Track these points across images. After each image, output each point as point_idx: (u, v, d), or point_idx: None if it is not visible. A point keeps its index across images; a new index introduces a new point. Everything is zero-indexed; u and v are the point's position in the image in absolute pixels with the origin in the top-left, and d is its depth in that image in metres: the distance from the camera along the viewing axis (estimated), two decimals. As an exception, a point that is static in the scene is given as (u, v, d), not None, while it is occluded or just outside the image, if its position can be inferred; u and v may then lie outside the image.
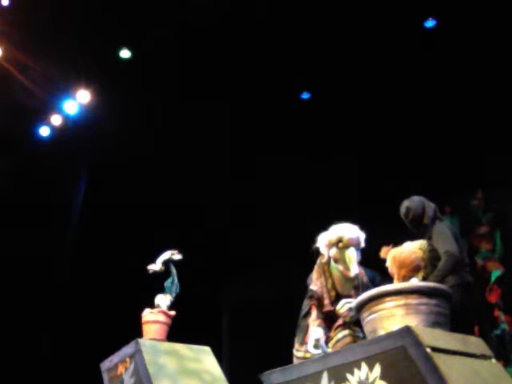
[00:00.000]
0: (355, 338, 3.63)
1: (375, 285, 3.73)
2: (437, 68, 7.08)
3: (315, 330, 3.74)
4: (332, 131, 7.95)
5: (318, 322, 3.80)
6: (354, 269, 3.72)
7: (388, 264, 3.32)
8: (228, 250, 8.98)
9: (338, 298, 3.87)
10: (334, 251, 3.87)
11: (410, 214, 4.30)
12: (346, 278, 3.83)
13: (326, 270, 3.93)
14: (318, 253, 4.05)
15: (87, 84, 8.32)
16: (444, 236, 4.06)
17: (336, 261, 3.86)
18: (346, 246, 3.80)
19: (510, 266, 6.96)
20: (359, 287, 3.83)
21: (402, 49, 7.13)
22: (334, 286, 3.89)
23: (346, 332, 3.75)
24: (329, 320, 3.85)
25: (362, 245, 3.87)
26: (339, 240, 3.82)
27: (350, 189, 7.79)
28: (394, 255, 3.27)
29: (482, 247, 7.22)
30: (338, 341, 3.71)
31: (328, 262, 3.93)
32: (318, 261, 4.04)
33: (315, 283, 3.96)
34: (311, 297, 3.93)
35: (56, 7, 7.21)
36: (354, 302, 3.58)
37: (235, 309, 9.81)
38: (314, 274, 4.02)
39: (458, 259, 3.95)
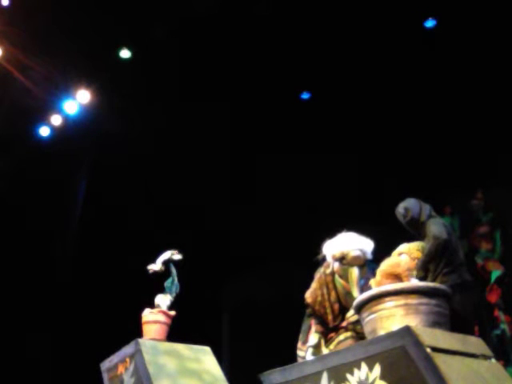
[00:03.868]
0: (357, 340, 3.59)
1: None
2: (437, 68, 7.08)
3: (312, 337, 3.73)
4: (332, 131, 7.95)
5: (316, 327, 3.78)
6: (356, 292, 3.64)
7: (381, 281, 3.25)
8: (228, 250, 8.98)
9: (341, 310, 3.81)
10: (337, 266, 3.81)
11: (408, 214, 4.30)
12: (349, 293, 3.77)
13: (330, 282, 3.84)
14: (322, 259, 3.99)
15: (87, 84, 8.32)
16: (433, 224, 4.08)
17: (340, 276, 3.81)
18: (349, 265, 3.75)
19: (510, 265, 6.96)
20: None
21: (402, 49, 7.12)
22: (337, 299, 3.81)
23: (349, 334, 3.71)
24: (331, 329, 3.80)
25: (369, 258, 3.79)
26: (343, 257, 3.76)
27: (349, 189, 7.79)
28: (382, 271, 3.19)
29: (482, 247, 7.21)
30: (339, 342, 3.68)
31: (332, 274, 3.87)
32: (322, 269, 3.97)
33: (311, 294, 3.87)
34: (310, 315, 3.88)
35: (56, 7, 7.21)
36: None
37: (235, 309, 9.80)
38: (314, 283, 3.94)
39: (443, 241, 3.95)
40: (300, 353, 3.94)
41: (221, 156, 8.60)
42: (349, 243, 3.83)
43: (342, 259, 3.79)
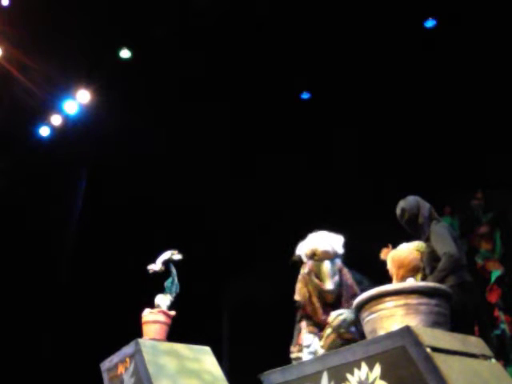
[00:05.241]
0: (340, 334, 3.59)
1: (362, 288, 3.75)
2: (437, 68, 7.08)
3: (306, 336, 3.76)
4: (332, 131, 7.95)
5: (309, 328, 3.82)
6: (329, 284, 3.73)
7: (388, 265, 3.33)
8: (228, 250, 8.98)
9: (325, 306, 3.85)
10: (310, 263, 3.88)
11: (405, 215, 4.30)
12: (324, 290, 3.81)
13: (309, 281, 3.92)
14: (301, 261, 4.06)
15: (87, 84, 8.32)
16: (442, 237, 4.06)
17: (314, 274, 3.86)
18: (321, 260, 3.81)
19: (510, 265, 6.96)
20: (342, 294, 3.81)
21: (402, 49, 7.12)
22: (317, 297, 3.87)
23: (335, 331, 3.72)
24: (322, 326, 3.83)
25: (340, 252, 3.86)
26: (313, 253, 3.85)
27: (349, 189, 7.79)
28: (392, 256, 3.29)
29: (482, 247, 7.21)
30: (327, 336, 3.69)
31: (309, 273, 3.93)
32: (302, 270, 4.04)
33: (298, 293, 3.96)
34: (299, 308, 3.94)
35: (56, 7, 7.21)
36: (346, 313, 3.60)
37: (235, 309, 9.80)
38: (298, 284, 4.02)
39: (458, 259, 3.95)
40: (292, 355, 3.95)
41: (221, 156, 8.60)
42: (317, 240, 3.92)
43: (313, 256, 3.84)
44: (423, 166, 7.33)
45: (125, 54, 7.95)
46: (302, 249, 3.98)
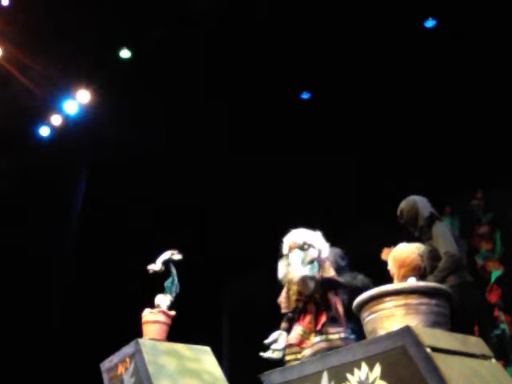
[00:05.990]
0: (331, 343, 3.60)
1: (357, 284, 3.78)
2: (437, 68, 7.08)
3: (272, 334, 3.84)
4: (332, 131, 7.95)
5: (282, 325, 3.90)
6: (292, 271, 3.82)
7: (389, 265, 3.34)
8: (228, 250, 8.98)
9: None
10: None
11: (403, 217, 4.31)
12: (295, 282, 3.85)
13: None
14: None
15: (87, 84, 8.32)
16: (443, 236, 4.06)
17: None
18: (291, 251, 3.93)
19: (510, 265, 6.96)
20: (318, 288, 3.83)
21: (402, 49, 7.12)
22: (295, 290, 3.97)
23: (323, 337, 3.72)
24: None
25: (314, 244, 3.92)
26: (289, 248, 4.00)
27: (350, 189, 7.78)
28: (393, 255, 3.30)
29: (482, 247, 7.22)
30: (312, 345, 3.69)
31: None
32: None
33: (282, 294, 4.11)
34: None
35: (56, 7, 7.21)
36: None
37: (235, 309, 9.80)
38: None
39: (459, 259, 3.95)
40: (286, 357, 3.95)
41: (221, 156, 8.59)
42: (290, 235, 4.12)
43: (290, 251, 4.02)
44: (423, 166, 7.33)
45: (125, 53, 7.95)
46: (283, 248, 4.14)
